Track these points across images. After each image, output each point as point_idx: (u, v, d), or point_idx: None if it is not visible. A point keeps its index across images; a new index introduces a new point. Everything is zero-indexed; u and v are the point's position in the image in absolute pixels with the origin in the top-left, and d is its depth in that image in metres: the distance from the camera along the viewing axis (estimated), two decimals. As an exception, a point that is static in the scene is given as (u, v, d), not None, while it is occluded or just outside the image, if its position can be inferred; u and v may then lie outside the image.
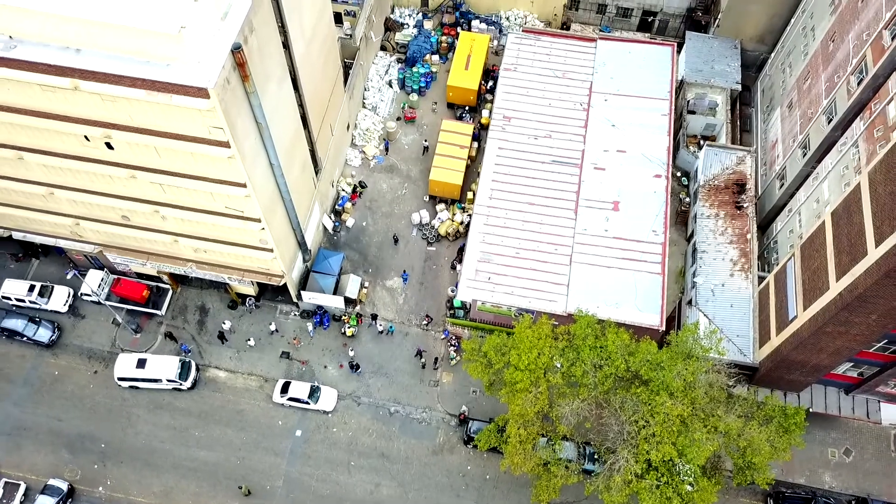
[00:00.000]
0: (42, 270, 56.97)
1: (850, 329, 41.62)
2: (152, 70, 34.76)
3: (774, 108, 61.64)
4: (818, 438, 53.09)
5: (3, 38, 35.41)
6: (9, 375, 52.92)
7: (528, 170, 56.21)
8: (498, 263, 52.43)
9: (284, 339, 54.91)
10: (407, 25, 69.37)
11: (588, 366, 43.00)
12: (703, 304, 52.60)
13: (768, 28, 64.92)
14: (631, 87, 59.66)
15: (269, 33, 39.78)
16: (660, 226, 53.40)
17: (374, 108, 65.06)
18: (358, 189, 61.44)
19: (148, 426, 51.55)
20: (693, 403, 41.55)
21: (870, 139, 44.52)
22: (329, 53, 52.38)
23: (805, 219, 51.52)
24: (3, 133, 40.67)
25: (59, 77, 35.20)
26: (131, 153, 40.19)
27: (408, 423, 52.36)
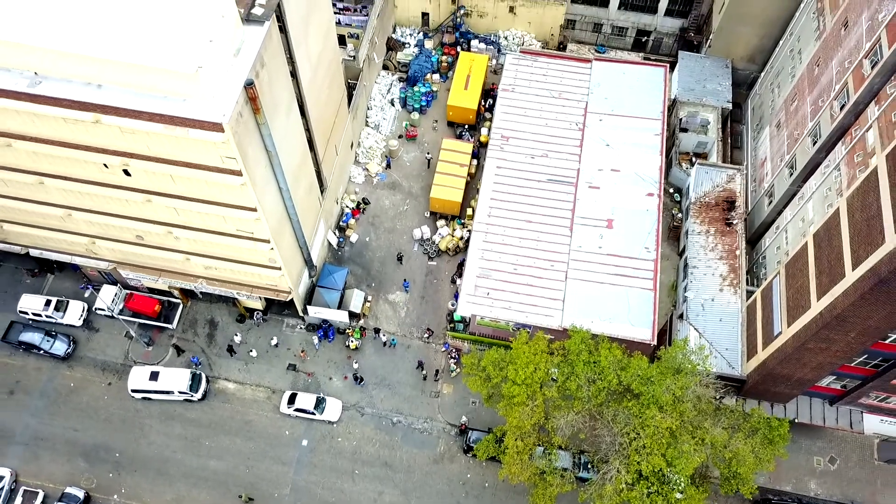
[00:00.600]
0: (57, 285, 59.11)
1: (830, 346, 43.76)
2: (170, 105, 36.89)
3: (764, 126, 63.78)
4: (804, 447, 55.22)
5: (29, 74, 37.55)
6: (27, 387, 55.06)
7: (526, 188, 58.31)
8: (496, 279, 54.54)
9: (291, 351, 57.03)
10: (408, 44, 71.52)
11: (582, 380, 45.13)
12: (694, 318, 54.73)
13: (758, 48, 67.07)
14: (625, 107, 61.74)
15: (278, 65, 41.93)
16: (652, 243, 55.49)
17: (377, 126, 67.23)
18: (361, 205, 63.59)
19: (160, 436, 53.69)
20: (681, 416, 43.67)
21: (850, 164, 46.66)
22: (334, 77, 54.53)
23: (791, 237, 53.67)
24: (27, 160, 42.79)
25: (81, 112, 37.30)
26: (147, 179, 42.32)
27: (410, 433, 54.49)
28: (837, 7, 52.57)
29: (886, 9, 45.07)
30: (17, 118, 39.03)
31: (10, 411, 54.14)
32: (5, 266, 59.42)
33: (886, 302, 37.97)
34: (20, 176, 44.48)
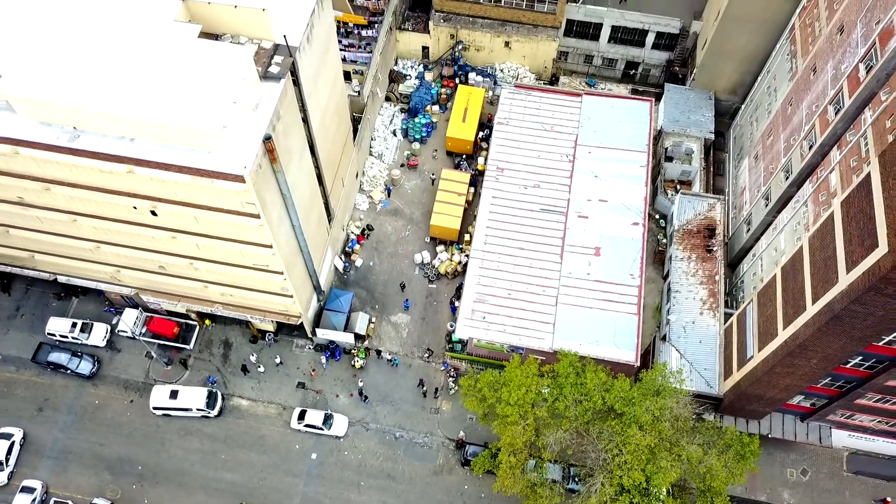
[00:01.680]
0: (81, 308, 63.20)
1: (796, 370, 47.90)
2: (196, 157, 40.96)
3: (744, 156, 67.93)
4: (778, 460, 59.36)
5: (69, 129, 41.65)
6: (55, 404, 59.16)
7: (519, 217, 62.37)
8: (492, 304, 58.61)
9: (300, 370, 61.15)
10: (409, 76, 75.65)
11: (569, 400, 49.25)
12: (676, 340, 58.84)
13: (739, 82, 71.22)
14: (612, 139, 65.80)
15: (292, 117, 46.06)
16: (636, 270, 59.57)
17: (380, 155, 71.36)
18: (366, 231, 67.71)
19: (180, 450, 57.77)
20: (660, 435, 47.78)
21: (816, 202, 50.79)
22: (341, 116, 58.67)
23: (765, 264, 57.82)
24: (63, 201, 46.86)
25: (116, 164, 41.40)
26: (173, 219, 46.40)
27: (411, 447, 58.59)
28: (808, 52, 56.69)
29: (847, 61, 49.18)
30: (58, 167, 43.11)
31: (41, 427, 58.25)
32: (33, 290, 63.54)
33: (841, 334, 42.13)
34: (55, 214, 48.60)
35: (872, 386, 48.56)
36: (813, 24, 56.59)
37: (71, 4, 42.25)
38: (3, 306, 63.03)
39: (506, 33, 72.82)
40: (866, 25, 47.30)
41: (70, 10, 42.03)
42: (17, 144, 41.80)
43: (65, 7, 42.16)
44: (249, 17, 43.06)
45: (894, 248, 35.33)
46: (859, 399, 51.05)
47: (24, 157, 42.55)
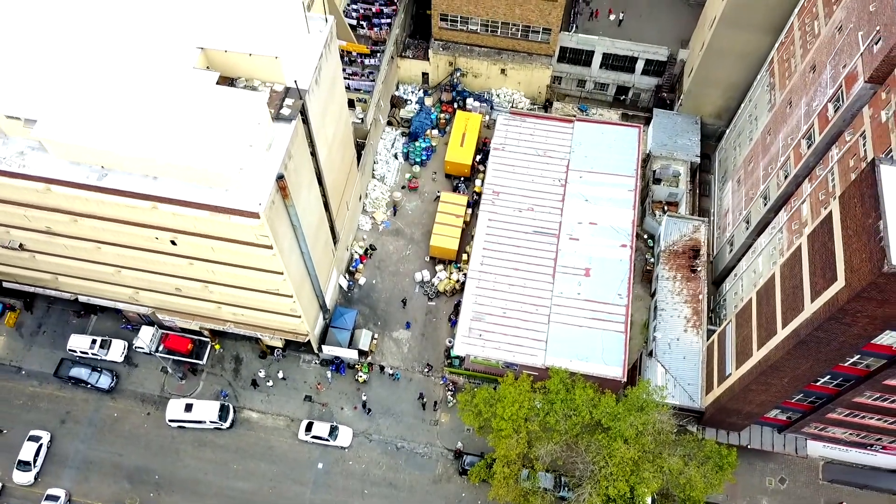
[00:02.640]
0: (100, 325, 66.80)
1: (769, 388, 51.55)
2: (214, 194, 44.50)
3: (728, 179, 71.53)
4: (758, 468, 62.99)
5: (97, 168, 45.24)
6: (76, 417, 62.75)
7: (514, 239, 65.96)
8: (488, 322, 62.19)
9: (307, 384, 64.75)
10: (410, 101, 79.25)
11: (560, 415, 52.94)
12: (661, 356, 62.47)
13: (724, 108, 74.86)
14: (602, 164, 69.37)
15: (302, 153, 49.65)
16: (624, 290, 63.16)
17: (382, 177, 74.99)
18: (369, 251, 71.33)
19: (194, 460, 61.37)
20: (643, 448, 51.44)
21: (790, 230, 54.41)
22: (346, 145, 62.24)
23: (745, 285, 61.41)
24: (89, 232, 50.44)
25: (141, 201, 45.00)
26: (191, 248, 49.96)
27: (412, 457, 62.21)
28: (785, 86, 60.32)
29: (818, 99, 52.79)
30: (86, 203, 46.70)
31: (63, 438, 61.84)
32: (54, 308, 67.14)
33: (808, 357, 45.82)
34: (81, 242, 52.20)
35: (841, 402, 52.17)
36: (789, 60, 60.22)
37: (98, 53, 45.74)
38: (27, 324, 66.64)
39: (502, 61, 76.44)
40: (835, 68, 50.93)
41: (98, 58, 45.54)
42: (50, 182, 45.38)
43: (93, 55, 45.66)
44: (263, 64, 46.61)
45: (850, 282, 38.98)
46: (830, 413, 54.67)
47: (55, 193, 46.14)
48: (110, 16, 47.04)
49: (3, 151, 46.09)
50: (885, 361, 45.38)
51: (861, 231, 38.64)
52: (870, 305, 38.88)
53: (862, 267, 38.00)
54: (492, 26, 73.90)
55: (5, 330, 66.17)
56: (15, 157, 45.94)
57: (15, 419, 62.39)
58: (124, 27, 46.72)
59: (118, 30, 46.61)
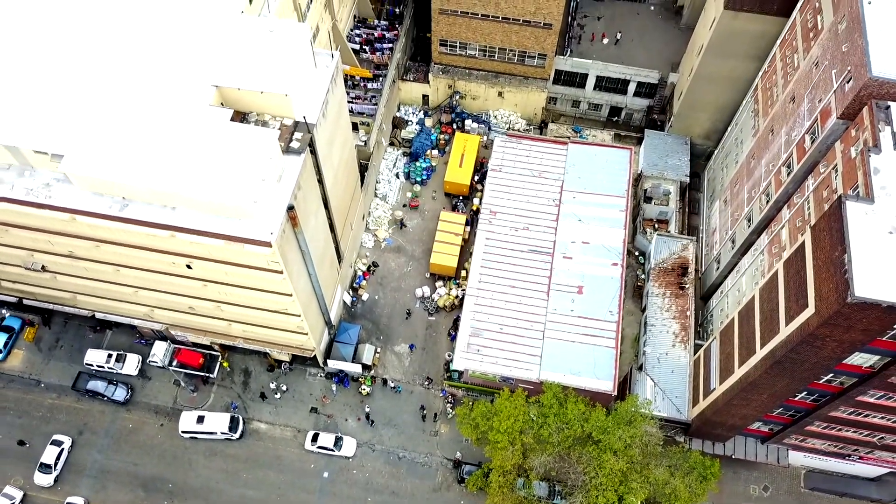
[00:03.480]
0: (115, 340, 69.93)
1: (750, 403, 54.70)
2: (228, 224, 47.59)
3: (716, 199, 74.61)
4: (742, 477, 66.13)
5: (119, 199, 48.36)
6: (94, 428, 65.87)
7: (510, 258, 69.02)
8: (485, 338, 65.24)
9: (313, 396, 67.89)
10: (411, 122, 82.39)
11: (553, 428, 56.06)
12: (651, 370, 65.62)
13: (713, 129, 77.96)
14: (595, 185, 72.39)
15: (310, 182, 52.77)
16: (615, 307, 66.25)
17: (385, 196, 78.13)
18: (371, 268, 74.45)
19: (206, 470, 64.49)
20: (631, 459, 54.57)
21: (770, 252, 57.50)
22: (350, 169, 65.37)
23: (730, 303, 64.50)
24: (109, 256, 53.55)
25: (160, 230, 48.11)
26: (205, 272, 53.08)
27: (413, 466, 65.34)
28: (767, 114, 63.42)
29: (797, 129, 55.88)
30: (108, 231, 49.81)
31: (81, 448, 64.96)
32: (71, 324, 70.28)
33: (784, 376, 48.98)
34: (101, 265, 55.31)
35: (819, 416, 55.32)
36: (772, 88, 63.31)
37: (121, 91, 48.81)
38: (45, 338, 69.80)
39: (499, 84, 79.60)
40: (811, 101, 54.02)
41: (120, 96, 48.60)
42: (75, 213, 48.51)
43: (115, 93, 48.73)
44: (273, 100, 49.71)
45: (819, 310, 42.14)
46: (809, 426, 57.81)
47: (79, 222, 49.26)
48: (132, 55, 50.05)
49: (30, 183, 49.23)
50: (857, 379, 48.52)
51: (829, 262, 41.79)
52: (837, 331, 42.04)
53: (829, 296, 41.15)
54: (489, 51, 77.04)
55: (25, 344, 69.31)
56: (42, 188, 49.08)
57: (35, 430, 65.50)
58: (145, 66, 49.74)
59: (140, 69, 49.64)
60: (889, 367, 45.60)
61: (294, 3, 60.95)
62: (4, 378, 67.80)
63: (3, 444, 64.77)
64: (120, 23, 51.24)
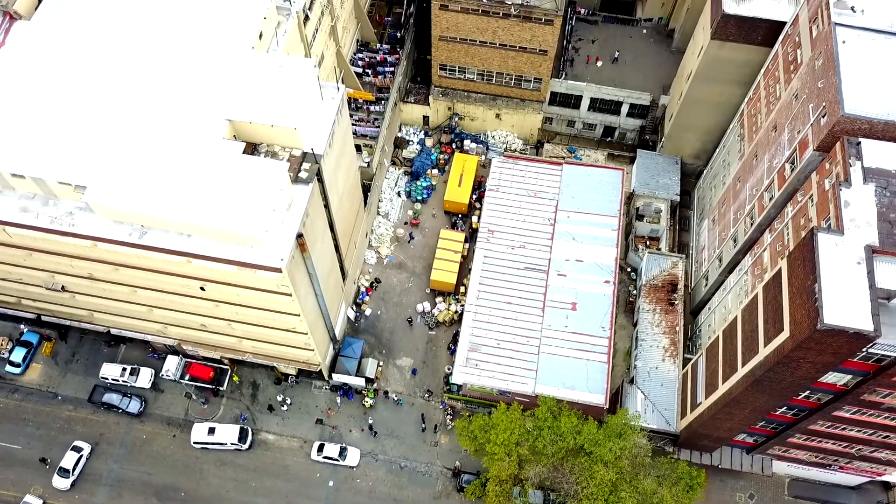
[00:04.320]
0: (128, 354, 73.01)
1: (733, 417, 57.79)
2: (241, 251, 50.65)
3: (705, 217, 77.68)
4: (729, 485, 69.20)
5: (138, 227, 51.44)
6: (109, 439, 68.93)
7: (507, 275, 72.04)
8: (483, 353, 68.27)
9: (318, 408, 70.95)
10: (412, 142, 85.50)
11: (547, 440, 59.12)
12: (641, 383, 68.71)
13: (702, 149, 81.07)
14: (588, 205, 75.40)
15: (317, 210, 55.85)
16: (607, 323, 69.27)
17: (387, 214, 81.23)
18: (374, 284, 77.53)
19: (216, 479, 67.54)
20: (620, 470, 57.64)
21: (753, 274, 60.54)
22: (354, 191, 68.47)
23: (717, 319, 67.55)
24: (127, 278, 56.65)
25: (176, 256, 51.21)
26: (218, 293, 56.17)
27: (414, 475, 68.42)
28: (752, 139, 66.51)
29: (778, 157, 58.95)
30: (127, 256, 52.90)
31: (97, 458, 68.02)
32: (86, 338, 73.35)
33: (763, 393, 52.06)
34: (119, 287, 58.41)
35: (799, 429, 58.37)
36: (756, 115, 66.42)
37: (139, 124, 51.89)
38: (62, 353, 72.89)
39: (496, 106, 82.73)
40: (791, 132, 57.13)
41: (138, 129, 51.66)
42: (97, 240, 51.59)
43: (134, 126, 51.79)
44: (283, 133, 52.82)
45: (793, 334, 45.23)
46: (790, 438, 60.85)
47: (100, 248, 52.36)
48: (150, 91, 53.13)
49: (54, 211, 52.31)
50: (832, 396, 51.60)
51: (802, 290, 44.89)
52: (810, 354, 45.14)
53: (802, 321, 44.26)
54: (487, 75, 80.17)
55: (42, 358, 72.41)
56: (65, 216, 52.16)
57: (53, 441, 68.57)
58: (162, 101, 52.82)
59: (157, 103, 52.72)
60: (861, 384, 48.68)
61: (301, 35, 64.02)
62: (23, 391, 70.88)
63: (23, 454, 67.80)
64: (138, 60, 54.32)
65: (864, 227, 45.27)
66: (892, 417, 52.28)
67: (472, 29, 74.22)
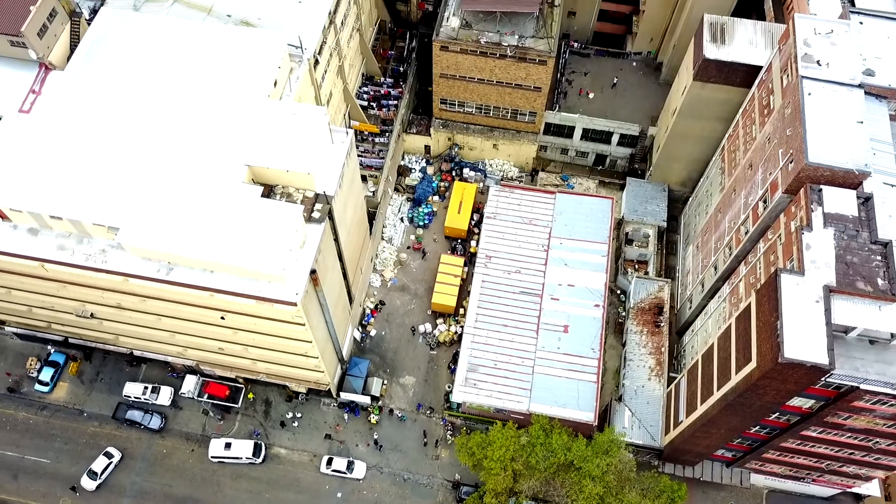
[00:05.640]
0: (149, 373, 77.94)
1: (710, 435, 62.71)
2: (259, 286, 55.57)
3: (690, 243, 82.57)
4: (710, 497, 74.06)
5: (164, 264, 56.36)
6: (132, 453, 73.86)
7: (504, 299, 76.91)
8: (481, 373, 73.12)
9: (327, 424, 75.88)
10: (414, 170, 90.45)
11: (539, 456, 64.04)
12: (629, 401, 73.61)
13: (688, 178, 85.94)
14: (580, 232, 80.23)
15: (328, 245, 60.76)
16: (596, 345, 74.10)
17: (390, 239, 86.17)
18: (379, 306, 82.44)
19: (232, 491, 72.43)
20: (607, 485, 62.53)
21: (731, 302, 65.39)
22: (361, 223, 73.38)
23: (699, 342, 72.42)
24: (154, 308, 61.56)
25: (200, 291, 56.13)
26: (237, 322, 61.07)
27: (416, 487, 73.32)
28: (731, 174, 71.39)
29: (753, 194, 63.82)
30: (154, 290, 57.83)
31: (121, 471, 72.92)
32: (109, 358, 78.28)
33: (736, 415, 56.99)
34: (145, 315, 63.35)
35: (772, 445, 63.22)
36: (735, 152, 71.33)
37: (165, 170, 56.81)
38: (86, 372, 77.83)
39: (494, 137, 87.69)
40: (764, 172, 62.02)
41: (165, 174, 56.58)
42: (128, 276, 56.52)
43: (160, 172, 56.71)
44: (297, 177, 57.71)
45: (760, 364, 50.13)
46: (765, 454, 65.72)
47: (130, 283, 57.29)
48: (175, 139, 58.03)
49: (88, 249, 57.23)
50: (799, 417, 56.48)
51: (767, 325, 49.80)
52: (774, 382, 50.07)
53: (767, 354, 49.18)
54: (485, 109, 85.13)
55: (69, 378, 77.33)
56: (98, 254, 57.08)
57: (79, 455, 73.48)
58: (186, 148, 57.71)
59: (181, 150, 57.62)
60: (824, 408, 53.59)
61: (311, 78, 68.98)
62: (52, 408, 75.82)
63: (53, 467, 72.75)
64: (164, 108, 59.25)
65: (823, 269, 50.16)
66: (853, 437, 57.14)
67: (471, 68, 79.17)
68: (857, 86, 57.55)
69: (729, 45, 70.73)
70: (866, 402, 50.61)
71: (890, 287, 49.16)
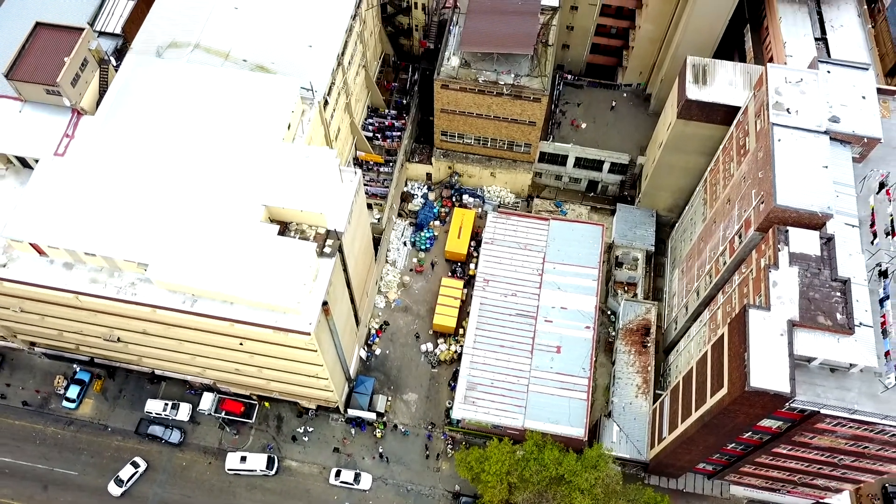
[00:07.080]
0: (168, 390, 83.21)
1: (690, 451, 67.95)
2: (275, 316, 60.83)
3: (676, 266, 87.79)
4: (694, 507, 79.43)
5: (188, 296, 61.65)
6: (154, 465, 79.10)
7: (500, 320, 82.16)
8: (479, 391, 78.37)
9: (335, 438, 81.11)
10: (416, 196, 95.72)
11: (533, 470, 69.28)
12: (617, 417, 78.83)
13: (675, 204, 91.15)
14: (572, 257, 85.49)
15: (338, 277, 66.03)
16: (587, 364, 79.32)
17: (394, 262, 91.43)
18: (383, 326, 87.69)
19: (247, 501, 77.65)
20: (595, 497, 67.77)
21: (710, 328, 70.59)
22: (367, 250, 78.62)
23: (682, 362, 77.63)
24: (177, 334, 66.83)
25: (221, 321, 61.43)
26: (253, 348, 66.35)
27: (419, 498, 78.55)
28: (713, 206, 76.59)
29: (731, 228, 68.99)
30: (179, 319, 63.12)
31: (143, 483, 78.15)
32: (131, 376, 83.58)
33: (712, 434, 62.23)
34: (169, 341, 68.65)
35: (748, 460, 68.45)
36: (716, 185, 76.54)
37: (187, 209, 62.04)
38: (110, 389, 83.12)
39: (491, 166, 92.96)
40: (740, 209, 67.19)
41: (188, 214, 61.82)
42: (155, 307, 61.81)
43: (184, 211, 61.96)
44: (310, 216, 62.95)
45: (730, 390, 55.35)
46: (742, 468, 70.94)
47: (157, 313, 62.60)
48: (197, 181, 63.27)
49: (118, 282, 62.52)
50: (770, 436, 61.71)
51: (737, 355, 55.04)
52: (743, 407, 55.29)
53: (736, 381, 54.41)
54: (483, 140, 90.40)
55: (93, 395, 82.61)
56: (128, 286, 62.37)
57: (105, 468, 78.72)
58: (208, 189, 62.96)
59: (204, 192, 62.88)
60: (791, 429, 58.81)
61: (321, 118, 74.26)
62: (78, 423, 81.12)
63: (80, 479, 78.00)
64: (187, 151, 64.51)
65: (787, 304, 55.37)
66: (820, 454, 62.36)
67: (470, 104, 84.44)
68: (823, 132, 62.70)
69: (710, 85, 76.00)
70: (828, 424, 55.85)
71: (847, 321, 54.33)
